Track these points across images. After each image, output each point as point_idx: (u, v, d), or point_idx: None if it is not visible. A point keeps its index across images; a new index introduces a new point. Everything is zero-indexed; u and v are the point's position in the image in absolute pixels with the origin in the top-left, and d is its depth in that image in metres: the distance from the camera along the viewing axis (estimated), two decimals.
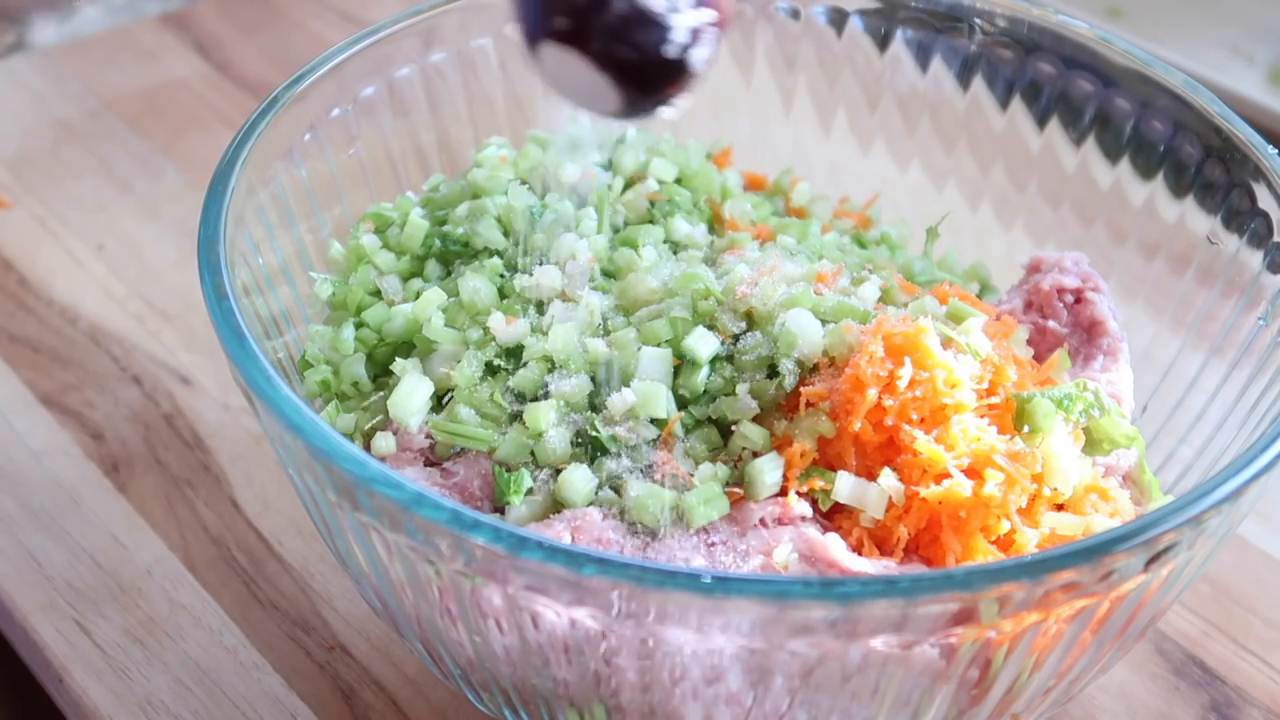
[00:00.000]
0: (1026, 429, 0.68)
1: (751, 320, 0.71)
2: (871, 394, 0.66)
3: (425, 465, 0.70)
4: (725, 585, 0.54)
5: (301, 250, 0.81)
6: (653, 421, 0.68)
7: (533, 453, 0.68)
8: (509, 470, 0.68)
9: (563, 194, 0.80)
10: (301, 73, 0.79)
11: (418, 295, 0.75)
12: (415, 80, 0.87)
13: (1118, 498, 0.69)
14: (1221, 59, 1.28)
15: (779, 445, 0.68)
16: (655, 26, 0.51)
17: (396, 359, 0.73)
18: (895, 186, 0.93)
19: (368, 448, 0.71)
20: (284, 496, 0.89)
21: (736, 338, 0.71)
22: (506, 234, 0.78)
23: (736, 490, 0.67)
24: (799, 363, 0.69)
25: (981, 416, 0.68)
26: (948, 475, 0.65)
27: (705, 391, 0.70)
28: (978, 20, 0.87)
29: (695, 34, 0.52)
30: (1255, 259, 0.76)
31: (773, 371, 0.70)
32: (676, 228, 0.79)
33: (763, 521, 0.66)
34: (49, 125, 1.19)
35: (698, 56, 0.52)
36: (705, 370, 0.69)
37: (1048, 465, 0.67)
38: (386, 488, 0.57)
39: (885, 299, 0.75)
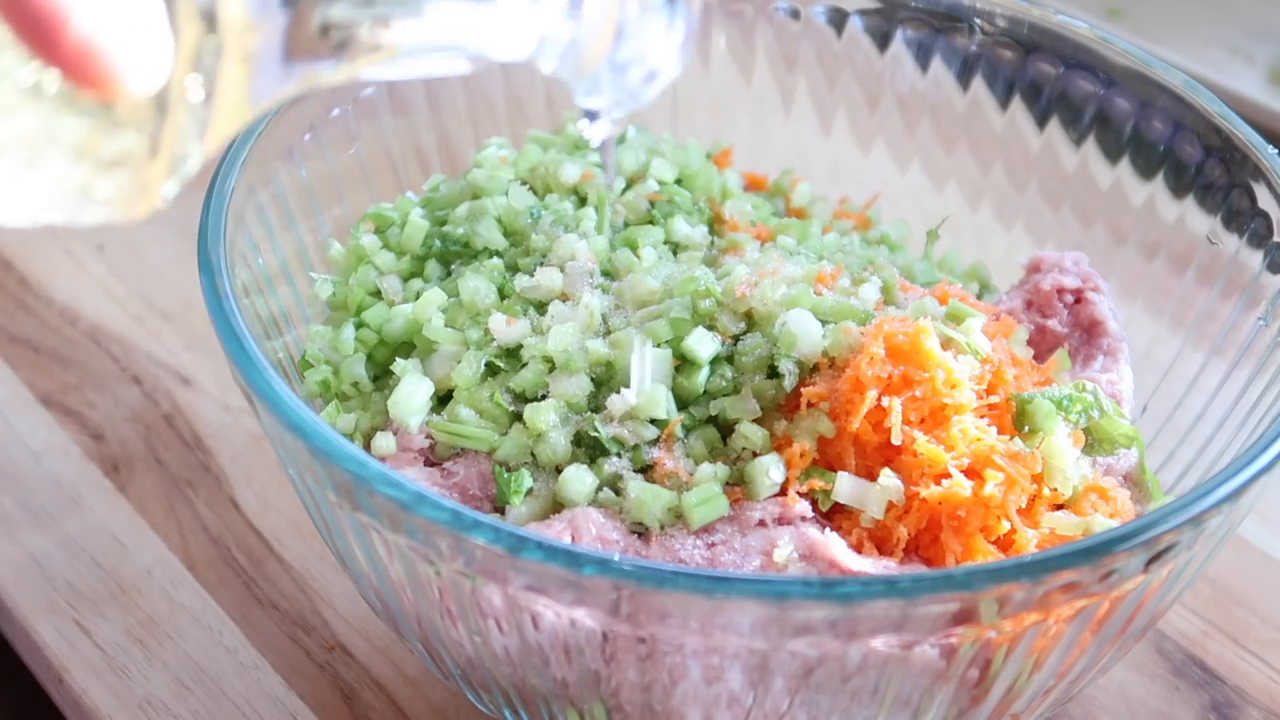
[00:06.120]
0: (1026, 429, 0.68)
1: (751, 321, 0.71)
2: (871, 395, 0.66)
3: (425, 465, 0.70)
4: (725, 585, 0.54)
5: (301, 250, 0.81)
6: (653, 422, 0.68)
7: (533, 453, 0.68)
8: (509, 470, 0.68)
9: (563, 194, 0.80)
10: None
11: (418, 295, 0.75)
12: (415, 80, 0.87)
13: (1118, 498, 0.69)
14: (1221, 59, 1.28)
15: (779, 445, 0.68)
16: None
17: (396, 359, 0.73)
18: (895, 186, 0.93)
19: (368, 448, 0.71)
20: (284, 496, 0.89)
21: (736, 338, 0.71)
22: (506, 234, 0.78)
23: (736, 490, 0.67)
24: (799, 363, 0.69)
25: (981, 417, 0.68)
26: (948, 475, 0.65)
27: (705, 392, 0.70)
28: (978, 20, 0.87)
29: None
30: (1255, 259, 0.76)
31: (773, 372, 0.70)
32: (676, 228, 0.79)
33: (763, 521, 0.66)
34: None
35: None
36: (705, 371, 0.69)
37: (1048, 465, 0.67)
38: (386, 488, 0.57)
39: (885, 299, 0.75)
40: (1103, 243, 0.86)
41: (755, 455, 0.68)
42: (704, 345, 0.69)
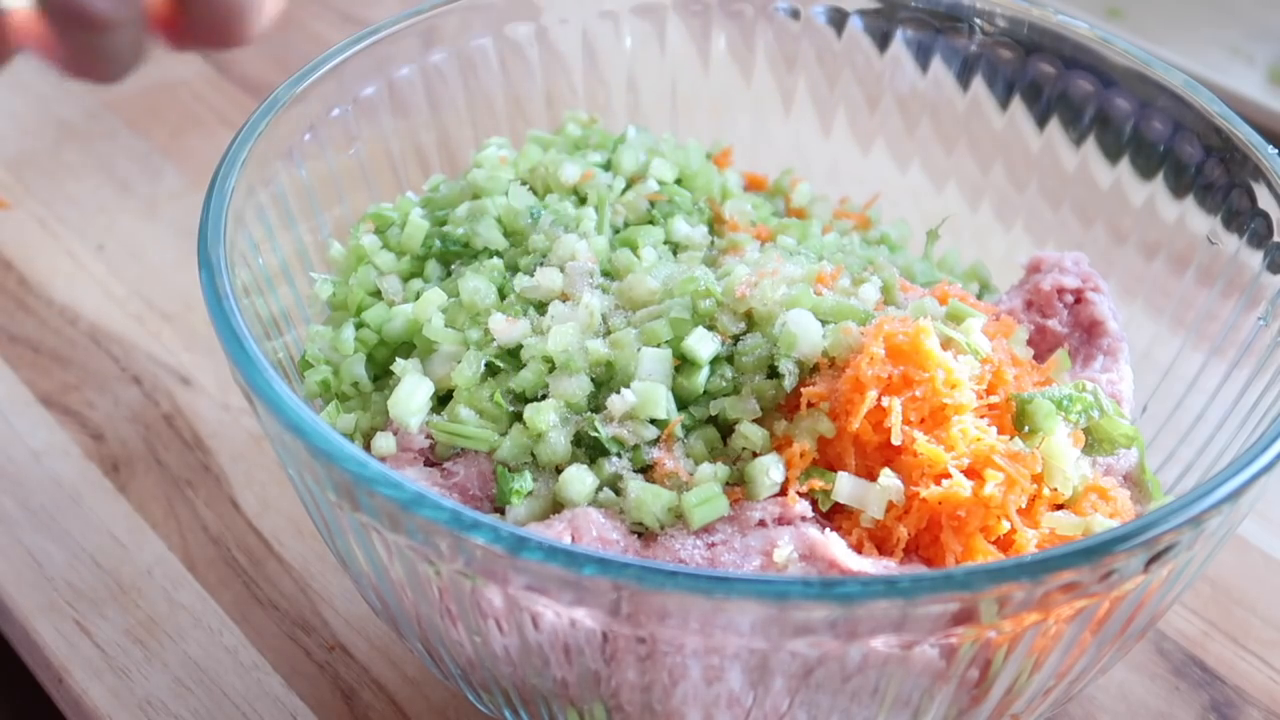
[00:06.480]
0: (1026, 429, 0.68)
1: (751, 321, 0.71)
2: (871, 395, 0.66)
3: (425, 465, 0.70)
4: (725, 585, 0.54)
5: (301, 250, 0.81)
6: (653, 422, 0.68)
7: (533, 453, 0.68)
8: (510, 470, 0.68)
9: (563, 194, 0.80)
10: (301, 73, 0.79)
11: (418, 295, 0.75)
12: (415, 80, 0.87)
13: (1118, 498, 0.69)
14: (1221, 59, 1.28)
15: (779, 445, 0.68)
16: None
17: (396, 359, 0.73)
18: (895, 187, 0.93)
19: (368, 448, 0.71)
20: (284, 496, 0.89)
21: (736, 338, 0.71)
22: (506, 234, 0.78)
23: (736, 490, 0.67)
24: (799, 363, 0.69)
25: (981, 417, 0.68)
26: (948, 475, 0.65)
27: (705, 392, 0.70)
28: (978, 20, 0.87)
29: None
30: (1255, 259, 0.76)
31: (773, 372, 0.70)
32: (676, 228, 0.79)
33: (763, 521, 0.66)
34: (49, 125, 1.19)
35: None
36: (705, 371, 0.69)
37: (1048, 465, 0.67)
38: (386, 488, 0.57)
39: (885, 299, 0.75)
40: (1103, 243, 0.86)
41: (755, 455, 0.68)
42: (704, 345, 0.69)
